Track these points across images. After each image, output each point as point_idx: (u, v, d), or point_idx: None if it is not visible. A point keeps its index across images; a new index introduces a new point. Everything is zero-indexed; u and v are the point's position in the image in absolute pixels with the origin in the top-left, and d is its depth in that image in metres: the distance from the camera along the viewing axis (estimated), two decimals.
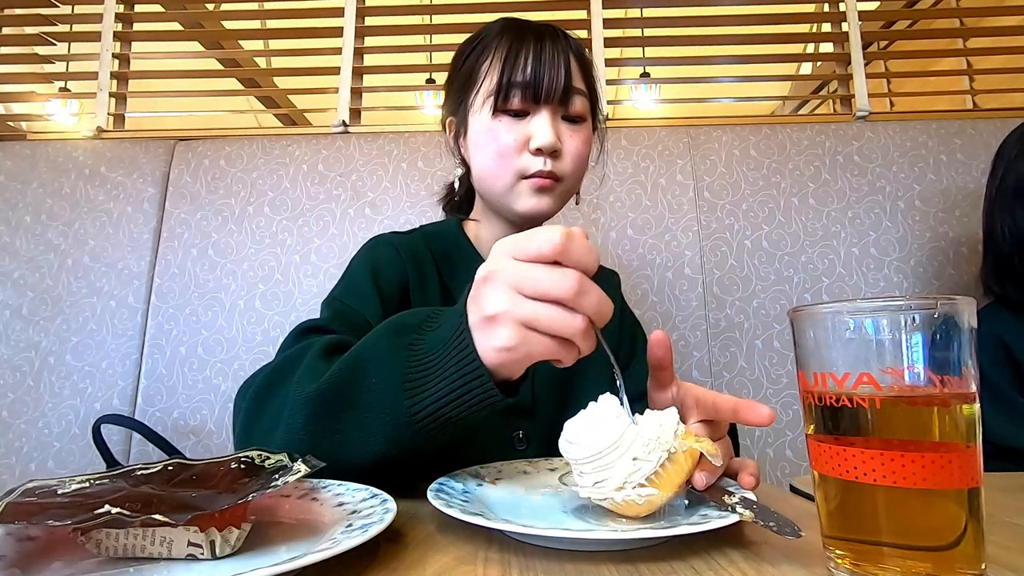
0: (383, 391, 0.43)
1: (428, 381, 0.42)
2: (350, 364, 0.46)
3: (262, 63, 2.83)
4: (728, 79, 1.51)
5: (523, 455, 0.67)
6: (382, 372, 0.44)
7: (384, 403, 0.43)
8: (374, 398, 0.43)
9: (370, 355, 0.45)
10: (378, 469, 0.45)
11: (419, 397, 0.42)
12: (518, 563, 0.34)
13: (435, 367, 0.42)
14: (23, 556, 0.33)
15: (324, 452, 0.42)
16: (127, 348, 1.10)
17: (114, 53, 1.38)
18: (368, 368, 0.45)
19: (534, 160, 0.67)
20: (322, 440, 0.45)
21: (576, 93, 0.69)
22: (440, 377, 0.42)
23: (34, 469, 1.04)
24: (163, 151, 1.22)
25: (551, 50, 0.68)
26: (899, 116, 1.35)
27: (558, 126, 0.68)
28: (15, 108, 1.77)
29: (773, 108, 3.65)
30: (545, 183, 0.68)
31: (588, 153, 0.73)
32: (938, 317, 0.30)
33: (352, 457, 0.45)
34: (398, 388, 0.42)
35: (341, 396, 0.45)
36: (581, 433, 0.39)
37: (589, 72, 0.74)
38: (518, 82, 0.67)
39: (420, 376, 0.42)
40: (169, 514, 0.31)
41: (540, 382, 0.71)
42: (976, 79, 1.46)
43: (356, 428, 0.44)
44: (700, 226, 1.16)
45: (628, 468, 0.37)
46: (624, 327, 0.82)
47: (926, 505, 0.29)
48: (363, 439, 0.44)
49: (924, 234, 1.14)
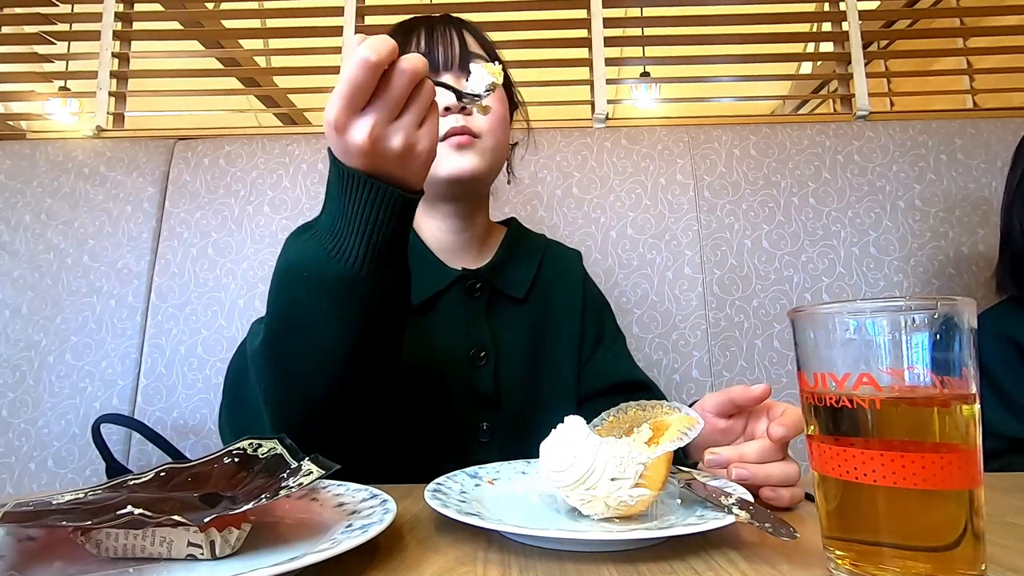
0: (315, 277, 0.46)
1: (342, 233, 0.46)
2: (276, 291, 0.49)
3: (262, 62, 2.83)
4: (728, 78, 1.51)
5: (488, 446, 0.69)
6: (304, 267, 0.47)
7: (322, 281, 0.46)
8: (311, 287, 0.46)
9: (285, 269, 0.49)
10: (362, 355, 0.48)
11: (343, 248, 0.45)
12: (518, 563, 0.34)
13: (338, 220, 0.46)
14: (23, 556, 0.33)
15: (301, 379, 0.47)
16: (127, 347, 1.10)
17: (114, 52, 1.38)
18: (291, 278, 0.48)
19: (446, 120, 0.67)
20: (293, 364, 0.48)
21: (475, 57, 0.70)
22: (348, 221, 0.45)
23: (34, 468, 1.04)
24: (163, 150, 1.22)
25: (442, 28, 0.70)
26: (899, 116, 1.35)
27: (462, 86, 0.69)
28: (15, 107, 1.77)
29: (773, 107, 3.65)
30: (463, 139, 0.67)
31: (503, 112, 0.73)
32: (938, 318, 0.30)
33: (331, 357, 0.47)
34: (325, 260, 0.46)
35: (288, 316, 0.48)
36: (556, 461, 0.40)
37: (489, 46, 0.75)
38: None
39: (334, 238, 0.46)
40: (187, 515, 0.31)
41: (504, 374, 0.71)
42: (976, 78, 1.46)
43: (315, 330, 0.47)
44: (700, 226, 1.16)
45: (609, 487, 0.38)
46: (589, 307, 0.80)
47: (926, 505, 0.29)
48: (327, 331, 0.47)
49: (924, 233, 1.14)
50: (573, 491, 0.39)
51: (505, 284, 0.74)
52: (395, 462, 0.56)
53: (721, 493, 0.40)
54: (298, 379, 0.49)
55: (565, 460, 0.39)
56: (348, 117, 0.43)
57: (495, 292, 0.74)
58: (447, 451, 0.65)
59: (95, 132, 1.34)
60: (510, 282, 0.75)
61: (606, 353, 0.78)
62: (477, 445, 0.68)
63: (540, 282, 0.77)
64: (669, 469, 0.41)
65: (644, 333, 1.11)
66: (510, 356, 0.72)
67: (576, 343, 0.77)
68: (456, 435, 0.68)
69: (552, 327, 0.76)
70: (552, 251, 0.83)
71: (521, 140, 0.92)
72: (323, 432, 0.49)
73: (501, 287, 0.74)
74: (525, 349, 0.74)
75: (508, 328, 0.73)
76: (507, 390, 0.71)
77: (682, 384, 1.08)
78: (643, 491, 0.38)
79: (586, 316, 0.79)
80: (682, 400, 0.84)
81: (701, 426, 0.42)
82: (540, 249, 0.81)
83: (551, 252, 0.82)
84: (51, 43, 1.44)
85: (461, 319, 0.71)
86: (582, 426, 0.41)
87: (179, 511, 0.31)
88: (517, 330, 0.74)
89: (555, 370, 0.74)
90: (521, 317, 0.75)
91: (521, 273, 0.76)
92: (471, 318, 0.72)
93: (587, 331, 0.78)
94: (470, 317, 0.72)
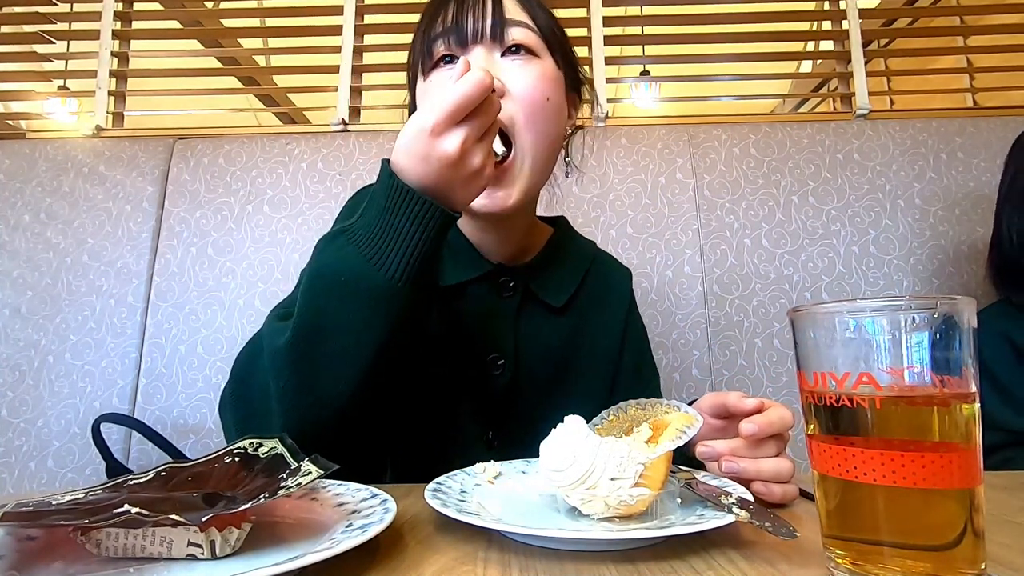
0: (353, 283, 0.46)
1: (384, 243, 0.46)
2: (309, 291, 0.48)
3: (261, 61, 2.83)
4: (728, 77, 1.51)
5: (494, 455, 0.65)
6: (342, 272, 0.47)
7: (360, 288, 0.46)
8: (346, 293, 0.47)
9: (320, 273, 0.48)
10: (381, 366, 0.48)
11: (385, 257, 0.46)
12: (518, 563, 0.34)
13: (380, 230, 0.46)
14: (23, 556, 0.33)
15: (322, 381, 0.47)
16: (126, 347, 1.10)
17: (113, 51, 1.38)
18: (327, 282, 0.47)
19: None
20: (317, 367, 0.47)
21: (512, 24, 0.59)
22: (394, 232, 0.46)
23: (34, 468, 1.04)
24: (162, 150, 1.22)
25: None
26: (899, 114, 1.35)
27: (493, 63, 0.58)
28: (14, 107, 1.76)
29: (773, 106, 3.65)
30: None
31: (548, 91, 0.59)
32: (938, 317, 0.30)
33: (355, 363, 0.47)
34: (364, 266, 0.46)
35: (318, 318, 0.48)
36: (556, 461, 0.40)
37: (541, 11, 0.63)
38: (439, 32, 0.60)
39: (375, 245, 0.46)
40: (185, 514, 0.31)
41: (520, 387, 0.66)
42: (976, 77, 1.45)
43: (344, 335, 0.47)
44: (700, 225, 1.16)
45: (609, 487, 0.38)
46: (631, 334, 0.73)
47: (926, 505, 0.29)
48: (355, 337, 0.47)
49: (924, 232, 1.14)
50: (573, 491, 0.39)
51: (542, 289, 0.67)
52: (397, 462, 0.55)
53: (721, 493, 0.40)
54: (319, 381, 0.48)
55: (565, 460, 0.39)
56: (447, 126, 0.45)
57: (529, 295, 0.66)
58: (451, 454, 0.61)
59: (94, 131, 1.33)
60: (549, 288, 0.67)
61: (643, 391, 0.66)
62: (483, 454, 0.64)
63: (582, 294, 0.69)
64: (669, 468, 0.41)
65: None
66: (531, 369, 0.66)
67: (611, 371, 0.69)
68: (459, 440, 0.64)
69: (586, 348, 0.68)
70: (600, 262, 0.75)
71: (589, 130, 0.78)
72: (332, 434, 0.49)
73: (537, 291, 0.66)
74: (549, 365, 0.67)
75: (536, 338, 0.66)
76: (521, 404, 0.65)
77: (682, 383, 1.08)
78: (643, 490, 0.38)
79: (627, 343, 0.71)
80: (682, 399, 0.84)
81: (700, 424, 0.42)
82: (588, 258, 0.73)
83: (599, 263, 0.74)
84: (50, 42, 1.44)
85: (486, 318, 0.65)
86: (582, 426, 0.41)
87: (178, 511, 0.31)
88: (545, 342, 0.67)
89: (582, 394, 0.67)
90: (553, 329, 0.67)
91: (563, 280, 0.69)
92: (497, 320, 0.65)
93: (625, 360, 0.71)
94: (496, 318, 0.65)
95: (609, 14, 1.36)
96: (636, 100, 2.47)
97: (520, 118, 0.57)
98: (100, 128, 1.34)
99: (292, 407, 0.49)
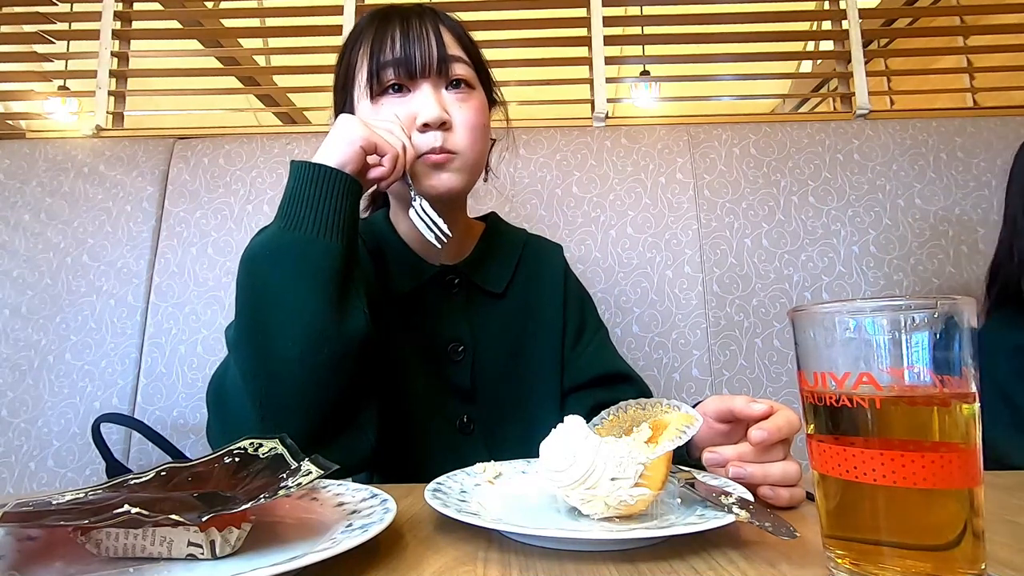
0: (274, 247, 0.55)
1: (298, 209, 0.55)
2: (244, 274, 0.56)
3: (261, 61, 2.82)
4: (728, 77, 1.50)
5: (472, 440, 0.71)
6: (264, 245, 0.55)
7: (280, 248, 0.54)
8: (271, 258, 0.54)
9: (248, 256, 0.56)
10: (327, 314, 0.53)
11: (295, 219, 0.55)
12: (518, 563, 0.34)
13: (293, 206, 0.56)
14: (23, 556, 0.33)
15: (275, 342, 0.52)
16: (126, 347, 1.10)
17: (113, 51, 1.38)
18: (254, 258, 0.55)
19: (424, 138, 0.65)
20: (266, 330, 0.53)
21: (454, 61, 0.67)
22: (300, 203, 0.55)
23: (34, 468, 1.04)
24: (162, 149, 1.22)
25: (419, 25, 0.67)
26: (899, 114, 1.34)
27: (442, 98, 0.66)
28: (14, 106, 1.76)
29: (773, 106, 3.65)
30: (439, 159, 0.66)
31: (482, 122, 0.70)
32: (938, 317, 0.30)
33: (299, 315, 0.53)
34: (280, 232, 0.55)
35: (255, 289, 0.55)
36: (556, 461, 0.40)
37: (469, 43, 0.72)
38: (389, 60, 0.66)
39: (289, 216, 0.55)
40: (184, 514, 0.31)
41: (482, 368, 0.73)
42: (977, 77, 1.45)
43: (281, 291, 0.53)
44: (700, 224, 1.16)
45: (609, 487, 0.38)
46: (570, 300, 0.80)
47: (926, 505, 0.29)
48: (292, 291, 0.53)
49: (924, 232, 1.14)
50: (573, 491, 0.39)
51: (483, 279, 0.76)
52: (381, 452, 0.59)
53: (721, 492, 0.40)
54: (272, 343, 0.52)
55: (565, 460, 0.39)
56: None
57: (473, 287, 0.75)
58: (431, 442, 0.68)
59: (94, 131, 1.33)
60: (489, 277, 0.76)
61: (588, 346, 0.78)
62: (459, 438, 0.70)
63: (520, 277, 0.78)
64: (669, 468, 0.41)
65: (644, 332, 1.11)
66: (489, 350, 0.74)
67: (558, 336, 0.77)
68: (437, 427, 0.70)
69: (533, 321, 0.77)
70: (532, 245, 0.83)
71: (502, 138, 0.87)
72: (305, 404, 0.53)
73: (480, 283, 0.75)
74: (505, 343, 0.75)
75: (487, 323, 0.74)
76: (486, 384, 0.72)
77: (682, 383, 1.08)
78: (643, 490, 0.38)
79: (568, 309, 0.79)
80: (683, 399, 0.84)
81: (699, 423, 0.42)
82: (519, 244, 0.82)
83: (531, 246, 0.83)
84: (50, 42, 1.43)
85: (441, 314, 0.73)
86: (582, 426, 0.41)
87: (178, 510, 0.31)
88: (496, 325, 0.75)
89: (537, 364, 0.75)
90: (500, 312, 0.76)
91: (500, 268, 0.77)
92: (450, 313, 0.73)
93: (569, 324, 0.78)
94: (449, 312, 0.73)
95: (609, 14, 1.35)
96: (636, 100, 2.47)
97: (461, 142, 0.67)
98: (100, 128, 1.34)
99: (255, 377, 0.53)
